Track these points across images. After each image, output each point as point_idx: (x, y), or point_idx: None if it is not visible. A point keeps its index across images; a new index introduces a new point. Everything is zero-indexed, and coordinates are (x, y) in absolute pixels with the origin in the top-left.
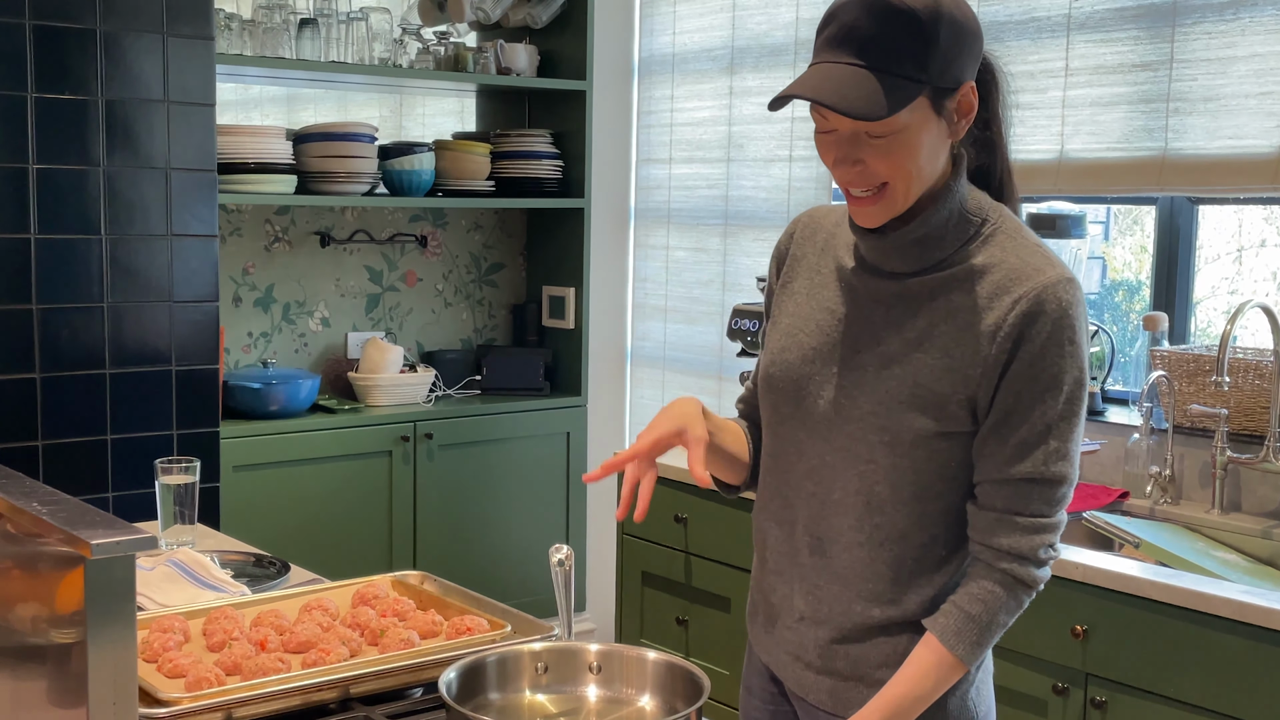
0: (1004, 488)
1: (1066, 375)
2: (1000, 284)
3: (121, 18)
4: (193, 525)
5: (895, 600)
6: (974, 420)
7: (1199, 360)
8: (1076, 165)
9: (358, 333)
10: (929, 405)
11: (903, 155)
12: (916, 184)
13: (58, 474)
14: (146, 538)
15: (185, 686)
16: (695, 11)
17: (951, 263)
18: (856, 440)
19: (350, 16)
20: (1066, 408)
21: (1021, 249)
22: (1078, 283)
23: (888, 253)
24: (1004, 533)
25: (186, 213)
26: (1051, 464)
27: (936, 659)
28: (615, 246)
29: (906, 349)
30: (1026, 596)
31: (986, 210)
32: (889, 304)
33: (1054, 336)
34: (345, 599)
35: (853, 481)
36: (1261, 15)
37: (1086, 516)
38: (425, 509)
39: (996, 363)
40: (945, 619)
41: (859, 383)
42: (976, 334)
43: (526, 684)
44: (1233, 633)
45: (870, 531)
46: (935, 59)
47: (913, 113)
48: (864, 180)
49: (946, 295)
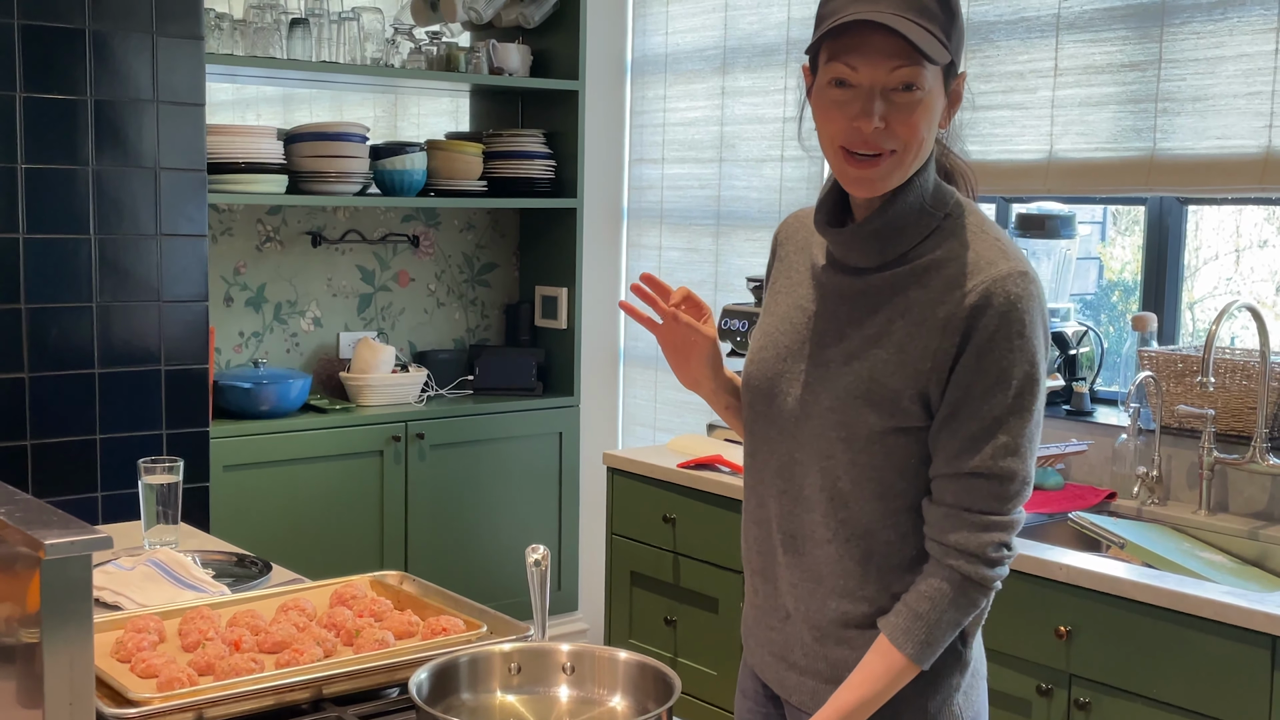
0: (954, 482)
1: (1015, 369)
2: (953, 278)
3: (111, 17)
4: (176, 525)
5: (868, 597)
6: (928, 415)
7: (1187, 361)
8: (1066, 165)
9: (350, 332)
10: (882, 401)
11: (920, 119)
12: (917, 158)
13: (47, 474)
14: (101, 538)
15: (157, 686)
16: (687, 11)
17: (911, 258)
18: (818, 436)
19: (342, 16)
20: (1016, 402)
21: (979, 242)
22: (1032, 276)
23: (850, 246)
24: (952, 528)
25: (176, 212)
26: (1000, 459)
27: (887, 660)
28: (608, 246)
29: (866, 345)
30: (980, 595)
31: (949, 204)
32: (854, 300)
33: (1002, 330)
34: (323, 599)
35: (818, 478)
36: (1249, 15)
37: (1072, 517)
38: (417, 509)
39: (946, 356)
40: (895, 617)
41: (822, 379)
42: (928, 328)
43: (498, 684)
44: (1215, 634)
45: (837, 528)
46: (954, 36)
47: (935, 78)
48: (881, 140)
49: (905, 291)
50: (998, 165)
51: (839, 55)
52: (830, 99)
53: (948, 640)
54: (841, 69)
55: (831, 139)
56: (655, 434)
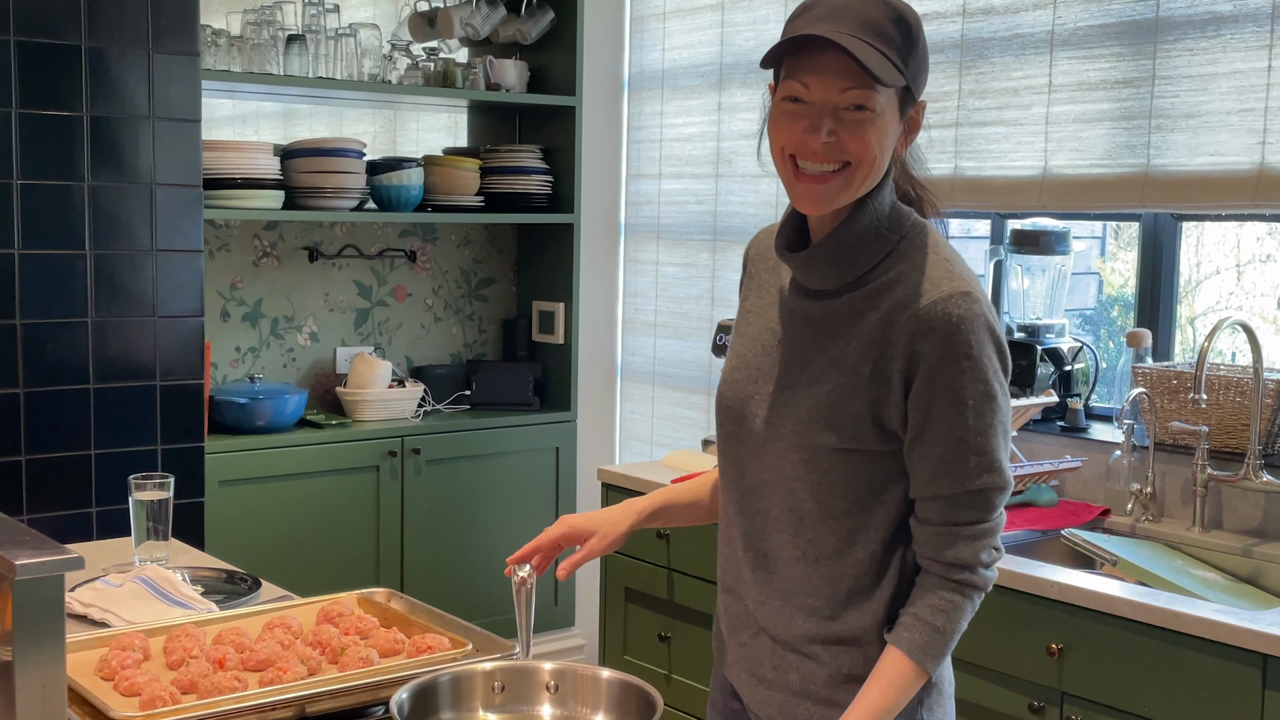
0: (935, 503)
1: (968, 391)
2: (901, 300)
3: (107, 34)
4: (167, 541)
5: (835, 616)
6: (884, 439)
7: (1181, 377)
8: (1060, 181)
9: (346, 348)
10: (840, 423)
11: (872, 139)
12: (870, 176)
13: (41, 489)
14: (73, 558)
15: (139, 705)
16: (684, 28)
17: (868, 280)
18: (782, 458)
19: (339, 32)
20: (978, 422)
21: (928, 263)
22: (977, 295)
23: (808, 270)
24: (947, 544)
25: (171, 228)
26: (975, 478)
27: (904, 671)
28: (605, 262)
29: (827, 369)
30: (980, 598)
31: (905, 225)
32: (817, 324)
33: (949, 354)
34: (309, 616)
35: (784, 499)
36: (1242, 32)
37: (1065, 534)
38: (413, 525)
39: (898, 382)
40: (910, 633)
41: (787, 402)
42: (875, 353)
43: (480, 703)
44: (1207, 652)
45: (805, 548)
46: (913, 61)
47: (889, 102)
48: (831, 154)
49: (862, 314)
50: (992, 181)
51: (794, 73)
52: (782, 111)
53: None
54: (796, 86)
55: (781, 149)
56: (652, 449)
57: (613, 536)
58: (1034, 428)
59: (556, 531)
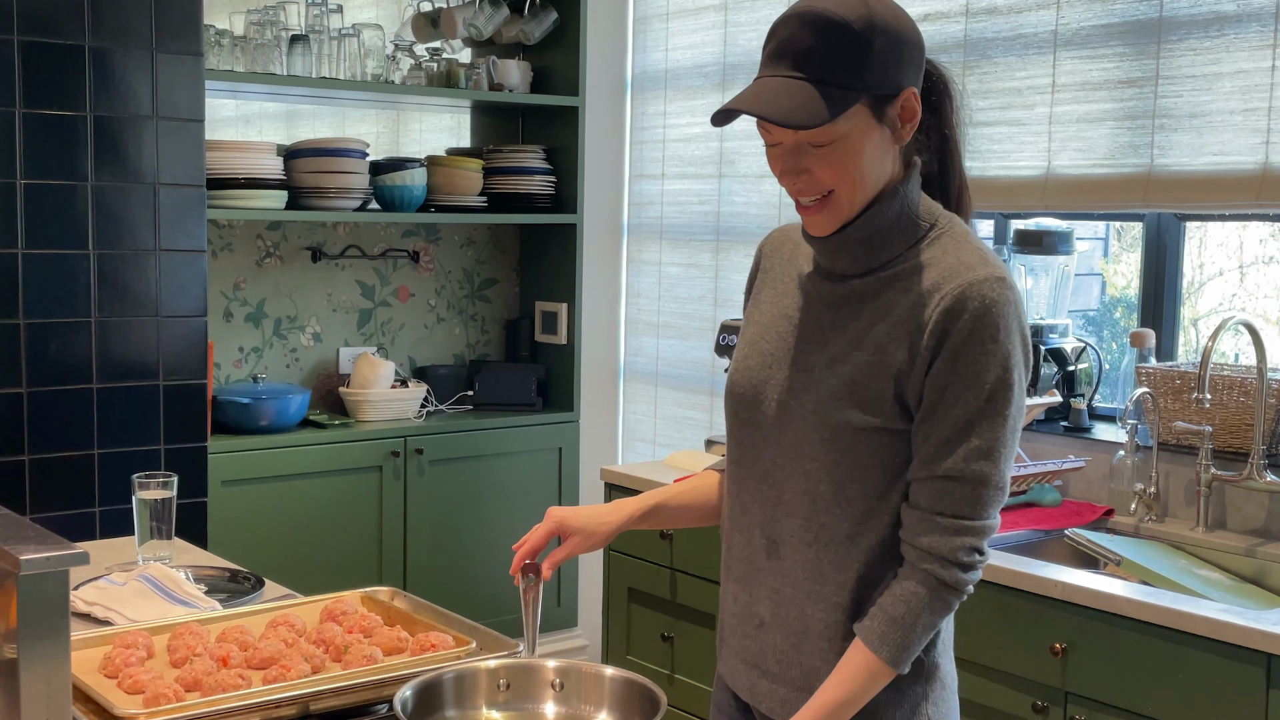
0: (927, 485)
1: (988, 373)
2: (934, 282)
3: (111, 34)
4: (170, 540)
5: (842, 604)
6: (905, 417)
7: (1184, 377)
8: (1063, 181)
9: (349, 348)
10: (865, 401)
11: (846, 163)
12: (861, 191)
13: (45, 488)
14: (78, 553)
15: (143, 703)
16: (688, 28)
17: (895, 264)
18: (801, 440)
19: (342, 33)
20: (989, 406)
21: (962, 250)
22: (1010, 282)
23: (835, 254)
24: (924, 531)
25: (175, 228)
26: (972, 462)
27: (864, 662)
28: (608, 262)
29: (848, 349)
30: (954, 598)
31: (936, 215)
32: (837, 306)
33: (976, 333)
34: (313, 615)
35: (800, 481)
36: (1246, 32)
37: (1069, 534)
38: (416, 525)
39: (923, 359)
40: (870, 621)
41: (805, 384)
42: (907, 330)
43: (484, 701)
44: (1210, 651)
45: (817, 532)
46: (871, 67)
47: (852, 120)
48: (810, 189)
49: (887, 294)
50: (995, 181)
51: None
52: (768, 151)
53: (923, 644)
54: (762, 131)
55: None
56: (655, 449)
57: (598, 536)
58: (1038, 428)
59: (545, 528)
